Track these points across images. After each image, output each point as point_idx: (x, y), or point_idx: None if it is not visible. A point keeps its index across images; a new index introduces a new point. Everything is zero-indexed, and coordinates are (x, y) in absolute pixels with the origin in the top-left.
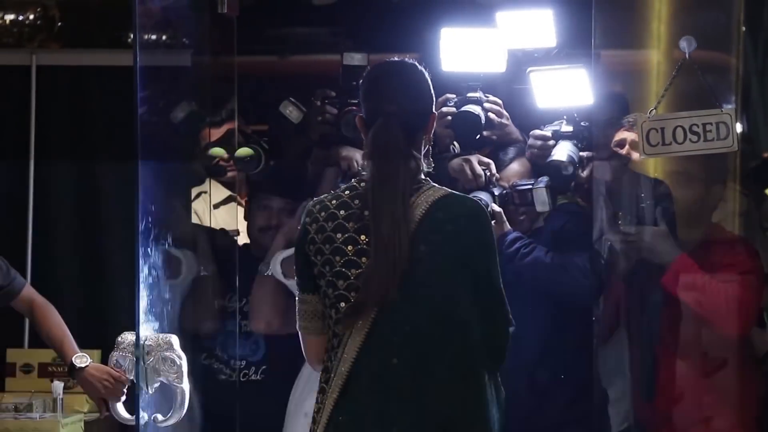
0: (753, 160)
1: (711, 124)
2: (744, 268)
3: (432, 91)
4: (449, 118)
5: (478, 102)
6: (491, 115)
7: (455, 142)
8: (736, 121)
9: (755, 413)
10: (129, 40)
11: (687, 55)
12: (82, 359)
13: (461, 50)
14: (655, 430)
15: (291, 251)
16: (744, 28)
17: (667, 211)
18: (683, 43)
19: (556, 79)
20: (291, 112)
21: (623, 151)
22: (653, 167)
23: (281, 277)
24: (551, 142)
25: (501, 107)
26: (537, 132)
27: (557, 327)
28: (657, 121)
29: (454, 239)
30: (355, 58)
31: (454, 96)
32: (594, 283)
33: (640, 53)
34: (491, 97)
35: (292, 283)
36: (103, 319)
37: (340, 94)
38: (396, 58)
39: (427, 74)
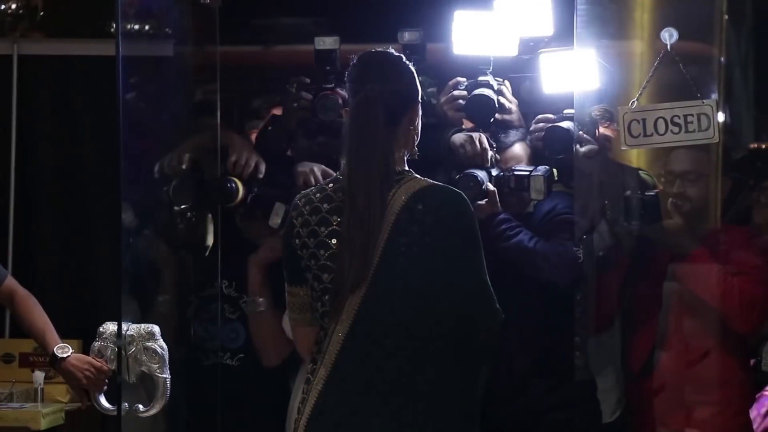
0: (735, 151)
1: (692, 115)
2: (758, 262)
3: (417, 84)
4: (461, 101)
5: (488, 85)
6: (501, 99)
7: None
8: (718, 112)
9: (742, 403)
10: (111, 29)
11: (668, 47)
12: (63, 350)
13: (473, 33)
14: (646, 415)
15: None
16: (726, 18)
17: (650, 201)
18: (665, 35)
19: (566, 62)
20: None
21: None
22: (658, 168)
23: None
24: None
25: (510, 92)
26: (541, 116)
27: (538, 312)
28: (638, 112)
29: (434, 230)
30: (326, 42)
31: (465, 80)
32: (576, 272)
33: (623, 44)
34: (505, 82)
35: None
36: (84, 309)
37: (314, 81)
38: (382, 49)
39: (412, 67)
